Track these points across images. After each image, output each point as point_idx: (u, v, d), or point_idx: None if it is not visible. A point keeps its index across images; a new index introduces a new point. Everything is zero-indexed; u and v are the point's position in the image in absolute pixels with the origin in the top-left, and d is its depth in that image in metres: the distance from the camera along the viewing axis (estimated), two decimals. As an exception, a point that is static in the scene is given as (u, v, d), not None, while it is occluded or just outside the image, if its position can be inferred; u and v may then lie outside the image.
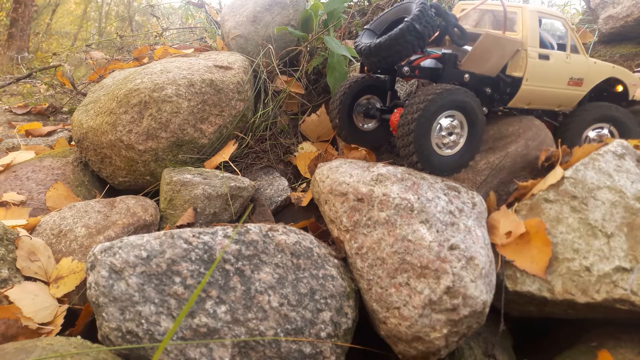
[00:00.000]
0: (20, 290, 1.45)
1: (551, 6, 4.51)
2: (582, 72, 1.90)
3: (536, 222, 1.54)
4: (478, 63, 1.70)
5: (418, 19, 1.57)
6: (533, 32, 1.75)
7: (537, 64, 1.76)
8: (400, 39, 1.57)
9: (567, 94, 1.91)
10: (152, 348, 1.15)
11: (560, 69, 1.84)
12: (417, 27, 1.55)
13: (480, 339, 1.56)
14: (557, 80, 1.85)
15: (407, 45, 1.58)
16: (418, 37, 1.57)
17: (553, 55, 1.81)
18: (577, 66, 1.88)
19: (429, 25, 1.59)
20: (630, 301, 1.38)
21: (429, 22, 1.59)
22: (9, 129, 2.88)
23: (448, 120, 1.59)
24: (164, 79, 2.08)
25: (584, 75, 1.91)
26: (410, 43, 1.58)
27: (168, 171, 1.93)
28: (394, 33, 1.58)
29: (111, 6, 13.35)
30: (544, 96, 1.85)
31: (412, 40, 1.57)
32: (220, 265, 1.29)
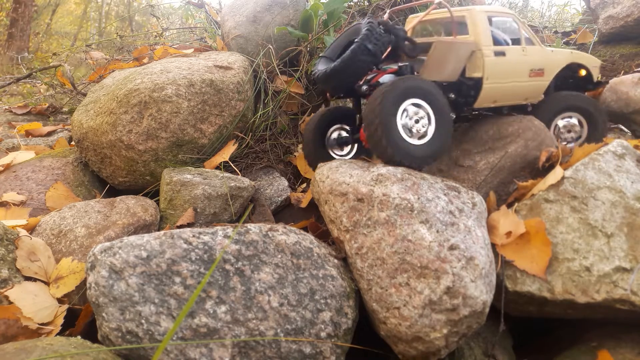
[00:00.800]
0: (20, 290, 1.45)
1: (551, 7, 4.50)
2: (541, 62, 1.92)
3: (536, 222, 1.54)
4: (436, 71, 1.71)
5: (367, 38, 1.61)
6: (484, 31, 1.77)
7: (494, 61, 1.77)
8: (353, 59, 1.61)
9: (530, 86, 1.92)
10: (152, 348, 1.16)
11: (519, 62, 1.86)
12: (368, 46, 1.60)
13: (480, 339, 1.56)
14: (518, 74, 1.87)
15: (361, 65, 1.62)
16: (370, 55, 1.61)
17: (509, 51, 1.83)
18: (535, 57, 1.90)
19: (379, 42, 1.63)
20: (630, 301, 1.38)
21: (379, 39, 1.63)
22: (9, 129, 2.88)
23: (413, 108, 1.59)
24: (164, 79, 2.08)
25: (544, 64, 1.93)
26: (364, 62, 1.62)
27: (168, 171, 1.93)
28: (346, 55, 1.62)
29: (111, 6, 13.35)
30: (508, 91, 1.87)
31: (365, 59, 1.61)
32: (220, 265, 1.29)
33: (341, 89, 1.79)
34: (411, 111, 1.59)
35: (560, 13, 4.72)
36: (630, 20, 2.85)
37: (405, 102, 1.57)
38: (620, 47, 2.94)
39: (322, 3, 2.55)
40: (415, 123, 1.60)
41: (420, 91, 1.59)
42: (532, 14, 4.63)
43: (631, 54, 2.84)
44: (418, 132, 1.61)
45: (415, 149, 1.60)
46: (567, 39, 3.29)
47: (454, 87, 1.82)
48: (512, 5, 4.23)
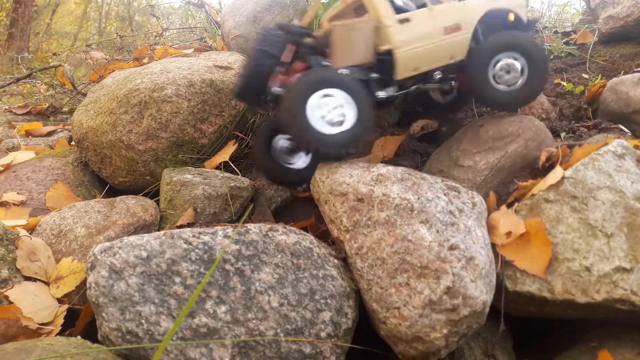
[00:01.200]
0: (20, 290, 1.45)
1: (551, 7, 4.51)
2: (454, 17, 1.88)
3: (536, 222, 1.54)
4: (346, 55, 1.73)
5: (261, 41, 1.67)
6: (382, 5, 1.76)
7: (400, 29, 1.76)
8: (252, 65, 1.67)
9: (450, 43, 1.87)
10: (152, 348, 1.15)
11: (428, 23, 1.83)
12: (263, 49, 1.66)
13: (480, 339, 1.56)
14: (431, 35, 1.83)
15: (261, 68, 1.67)
16: (268, 57, 1.66)
17: (414, 16, 1.80)
18: (446, 14, 1.87)
19: (275, 42, 1.68)
20: (630, 301, 1.38)
21: (273, 38, 1.68)
22: (9, 129, 2.88)
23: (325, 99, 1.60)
24: (164, 79, 2.08)
25: (458, 19, 1.89)
26: (263, 65, 1.67)
27: (168, 171, 1.93)
28: (245, 63, 1.69)
29: (111, 6, 13.35)
30: (427, 55, 1.83)
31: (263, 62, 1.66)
32: (220, 265, 1.29)
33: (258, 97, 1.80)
34: (324, 101, 1.59)
35: (560, 13, 4.72)
36: (630, 20, 2.85)
37: (315, 93, 1.58)
38: (620, 47, 2.94)
39: (322, 3, 2.55)
40: (330, 112, 1.60)
41: (330, 81, 1.60)
42: (532, 14, 4.63)
43: (631, 54, 2.84)
44: (333, 121, 1.61)
45: (334, 138, 1.60)
46: (567, 39, 3.29)
47: (375, 67, 1.81)
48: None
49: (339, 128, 1.62)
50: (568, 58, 3.01)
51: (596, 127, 2.28)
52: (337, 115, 1.62)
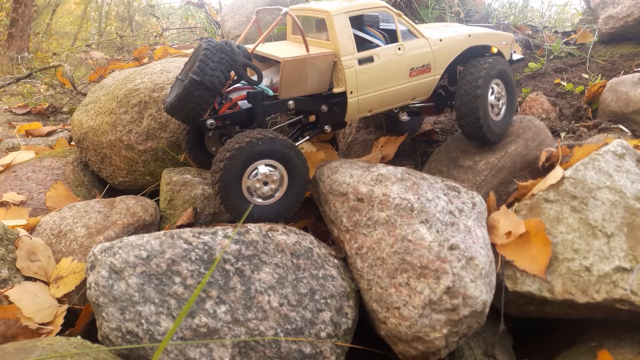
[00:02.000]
0: (20, 290, 1.45)
1: (551, 7, 4.51)
2: (425, 57, 1.69)
3: (536, 222, 1.54)
4: (296, 88, 1.56)
5: (200, 71, 1.44)
6: (344, 38, 1.56)
7: (359, 71, 1.57)
8: (186, 97, 1.44)
9: (414, 86, 1.70)
10: (152, 348, 1.16)
11: (393, 65, 1.64)
12: (198, 79, 1.42)
13: (480, 339, 1.56)
14: (394, 78, 1.65)
15: (198, 101, 1.46)
16: (206, 90, 1.44)
17: (380, 54, 1.61)
18: (416, 54, 1.68)
19: (216, 71, 1.45)
20: (630, 301, 1.38)
21: (215, 68, 1.44)
22: (9, 129, 2.88)
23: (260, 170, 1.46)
24: (164, 79, 2.08)
25: (429, 59, 1.70)
26: (200, 98, 1.45)
27: (168, 171, 1.93)
28: (180, 93, 1.46)
29: (111, 6, 13.35)
30: (385, 98, 1.67)
31: (200, 94, 1.44)
32: (220, 265, 1.29)
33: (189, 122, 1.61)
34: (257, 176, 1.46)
35: (560, 13, 4.72)
36: (630, 20, 2.85)
37: (253, 164, 1.44)
38: (620, 47, 2.94)
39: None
40: (264, 185, 1.48)
41: (272, 153, 1.45)
42: (532, 14, 4.63)
43: (631, 54, 2.84)
44: (264, 194, 1.50)
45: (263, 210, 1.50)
46: (567, 39, 3.29)
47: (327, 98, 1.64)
48: (512, 5, 4.23)
49: (269, 200, 1.51)
50: (568, 58, 3.01)
51: (596, 127, 2.28)
52: (269, 190, 1.50)
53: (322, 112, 1.66)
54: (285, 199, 1.53)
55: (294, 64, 1.51)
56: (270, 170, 1.48)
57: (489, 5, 3.91)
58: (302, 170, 1.53)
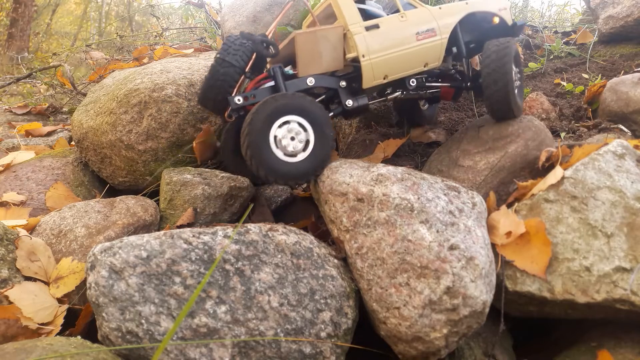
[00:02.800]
0: (20, 290, 1.45)
1: (551, 7, 4.51)
2: (428, 22, 1.82)
3: (536, 222, 1.53)
4: (312, 64, 1.68)
5: (225, 50, 1.63)
6: (349, 10, 1.72)
7: (367, 36, 1.71)
8: (215, 75, 1.63)
9: (423, 50, 1.81)
10: (152, 348, 1.15)
11: (399, 29, 1.77)
12: (226, 59, 1.61)
13: (480, 339, 1.56)
14: (402, 41, 1.77)
15: (225, 78, 1.63)
16: (231, 67, 1.62)
17: (383, 22, 1.75)
18: (419, 19, 1.81)
19: (239, 51, 1.63)
20: (630, 301, 1.38)
21: (238, 49, 1.63)
22: (9, 129, 2.88)
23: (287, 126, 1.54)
24: (164, 79, 2.08)
25: (433, 24, 1.83)
26: (226, 74, 1.62)
27: (168, 171, 1.93)
28: (208, 73, 1.65)
29: (111, 6, 13.36)
30: (397, 62, 1.77)
31: (226, 71, 1.62)
32: (220, 265, 1.29)
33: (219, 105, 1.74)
34: (283, 132, 1.54)
35: (560, 13, 4.72)
36: (630, 20, 2.85)
37: (276, 122, 1.52)
38: (620, 47, 2.94)
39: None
40: (291, 140, 1.55)
41: (293, 108, 1.54)
42: (532, 14, 4.63)
43: (631, 54, 2.84)
44: (294, 149, 1.56)
45: (291, 167, 1.55)
46: (567, 39, 3.29)
47: (343, 74, 1.78)
48: (512, 5, 4.23)
49: (298, 157, 1.57)
50: (568, 58, 3.01)
51: (596, 127, 2.28)
52: (297, 144, 1.56)
53: (342, 88, 1.78)
54: (313, 156, 1.59)
55: (306, 37, 1.66)
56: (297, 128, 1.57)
57: None
58: (327, 128, 1.60)
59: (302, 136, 1.57)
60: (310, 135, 1.58)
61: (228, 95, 1.67)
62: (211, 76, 1.64)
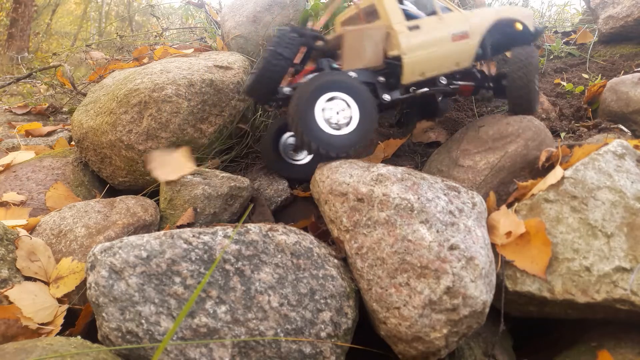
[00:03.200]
0: (20, 290, 1.45)
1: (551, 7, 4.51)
2: (463, 25, 1.96)
3: (536, 222, 1.53)
4: (356, 59, 1.80)
5: (277, 43, 1.71)
6: (393, 10, 1.83)
7: (409, 35, 1.83)
8: (267, 66, 1.70)
9: (457, 50, 1.95)
10: (152, 348, 1.16)
11: (437, 31, 1.90)
12: (278, 51, 1.69)
13: (480, 339, 1.56)
14: (439, 42, 1.90)
15: (276, 69, 1.72)
16: (283, 59, 1.71)
17: (423, 23, 1.88)
18: (454, 22, 1.95)
19: (290, 45, 1.72)
20: (630, 301, 1.38)
21: (289, 42, 1.72)
22: (9, 129, 2.88)
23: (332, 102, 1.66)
24: (164, 79, 2.08)
25: (466, 27, 1.97)
26: (277, 66, 1.71)
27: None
28: (260, 63, 1.72)
29: (111, 6, 13.36)
30: (433, 61, 1.90)
31: (278, 63, 1.71)
32: (220, 265, 1.29)
33: (268, 95, 1.85)
34: (330, 104, 1.66)
35: (560, 13, 4.72)
36: (630, 20, 2.86)
37: (322, 96, 1.64)
38: (620, 47, 2.94)
39: (322, 3, 2.55)
40: (336, 114, 1.67)
41: (336, 84, 1.66)
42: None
43: (631, 54, 2.84)
44: (339, 123, 1.67)
45: (337, 139, 1.65)
46: (567, 39, 3.29)
47: (382, 70, 1.89)
48: (512, 5, 4.23)
49: (342, 130, 1.67)
50: (568, 58, 3.01)
51: (596, 127, 2.28)
52: (342, 118, 1.67)
53: (380, 83, 1.89)
54: (356, 131, 1.69)
55: (354, 34, 1.78)
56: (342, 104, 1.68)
57: (489, 5, 3.91)
58: (370, 106, 1.72)
59: (347, 112, 1.68)
60: (354, 112, 1.69)
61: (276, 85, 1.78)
62: (263, 67, 1.71)
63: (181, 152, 1.93)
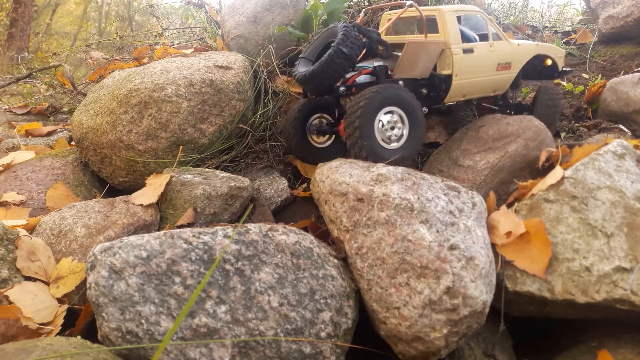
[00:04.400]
0: (20, 290, 1.45)
1: (551, 7, 4.51)
2: (508, 56, 2.04)
3: (536, 222, 1.53)
4: (408, 69, 1.84)
5: (343, 42, 1.70)
6: (454, 30, 1.87)
7: (463, 58, 1.88)
8: (330, 63, 1.70)
9: (498, 79, 2.05)
10: (152, 348, 1.15)
11: (487, 58, 1.96)
12: (344, 50, 1.69)
13: (480, 339, 1.56)
14: (486, 69, 1.98)
15: (338, 68, 1.71)
16: (346, 59, 1.70)
17: (477, 48, 1.93)
18: (502, 52, 2.02)
19: (355, 45, 1.71)
20: (630, 301, 1.38)
21: (354, 42, 1.71)
22: (9, 129, 2.88)
23: (389, 116, 1.71)
24: (164, 79, 2.08)
25: (511, 58, 2.05)
26: (340, 65, 1.71)
27: (168, 171, 1.93)
28: (324, 59, 1.71)
29: (111, 6, 13.36)
30: (477, 86, 1.99)
31: (341, 62, 1.71)
32: (220, 265, 1.29)
33: (320, 89, 1.87)
34: (388, 118, 1.70)
35: (560, 13, 4.72)
36: (630, 20, 2.86)
37: (382, 109, 1.68)
38: (620, 47, 2.94)
39: (322, 3, 2.55)
40: (391, 130, 1.72)
41: (397, 100, 1.70)
42: (532, 14, 4.63)
43: (631, 54, 2.84)
44: (392, 137, 1.73)
45: (389, 152, 1.70)
46: (567, 39, 3.29)
47: (426, 82, 1.93)
48: (512, 5, 4.23)
49: (392, 145, 1.73)
50: (568, 58, 3.01)
51: (596, 127, 2.29)
52: (395, 134, 1.73)
53: (422, 95, 1.94)
54: (408, 143, 1.76)
55: (415, 46, 1.80)
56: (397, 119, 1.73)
57: (489, 5, 3.91)
58: (421, 124, 1.77)
59: (400, 129, 1.74)
60: (405, 129, 1.75)
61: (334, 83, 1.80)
62: (327, 64, 1.70)
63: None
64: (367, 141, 1.65)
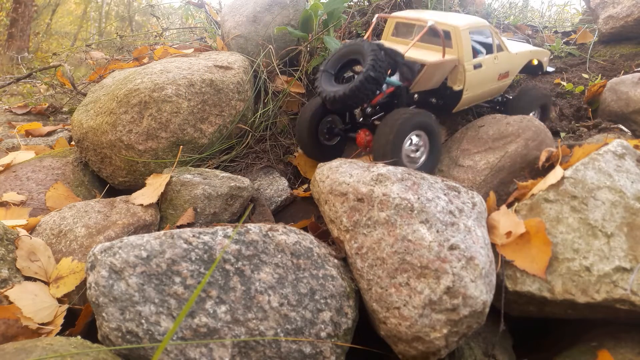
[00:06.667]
0: (20, 290, 1.45)
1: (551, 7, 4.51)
2: (508, 66, 2.16)
3: (536, 222, 1.54)
4: (424, 85, 1.94)
5: (373, 68, 1.74)
6: (467, 48, 1.93)
7: (473, 74, 1.97)
8: (360, 89, 1.74)
9: (498, 87, 2.18)
10: (152, 348, 1.16)
11: (492, 70, 2.07)
12: (373, 75, 1.73)
13: (480, 339, 1.56)
14: (490, 80, 2.09)
15: (368, 93, 1.76)
16: (375, 83, 1.76)
17: (485, 62, 2.02)
18: (504, 63, 2.13)
19: (383, 69, 1.76)
20: (630, 301, 1.38)
21: (382, 66, 1.75)
22: (9, 129, 2.88)
23: (415, 139, 1.81)
24: (164, 79, 2.08)
25: (509, 67, 2.18)
26: (370, 90, 1.76)
27: (168, 171, 1.93)
28: (355, 85, 1.74)
29: (111, 6, 13.36)
30: (480, 96, 2.12)
31: (370, 87, 1.75)
32: (220, 265, 1.29)
33: (346, 109, 1.98)
34: (414, 141, 1.81)
35: (560, 13, 4.72)
36: (630, 20, 2.85)
37: (411, 133, 1.78)
38: (620, 47, 2.94)
39: (322, 3, 2.55)
40: (415, 151, 1.82)
41: (424, 124, 1.80)
42: (532, 14, 4.63)
43: (631, 54, 2.84)
44: (414, 158, 1.83)
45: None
46: (567, 39, 3.29)
47: (436, 92, 2.03)
48: (512, 5, 4.23)
49: (416, 164, 1.84)
50: (568, 58, 3.01)
51: (596, 127, 2.28)
52: (418, 155, 1.83)
53: (431, 103, 2.04)
54: (427, 162, 1.86)
55: (435, 67, 1.87)
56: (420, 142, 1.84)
57: (489, 5, 3.91)
58: (440, 139, 1.89)
59: (422, 151, 1.84)
60: (426, 152, 1.85)
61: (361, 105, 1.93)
62: (357, 89, 1.75)
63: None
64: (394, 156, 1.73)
